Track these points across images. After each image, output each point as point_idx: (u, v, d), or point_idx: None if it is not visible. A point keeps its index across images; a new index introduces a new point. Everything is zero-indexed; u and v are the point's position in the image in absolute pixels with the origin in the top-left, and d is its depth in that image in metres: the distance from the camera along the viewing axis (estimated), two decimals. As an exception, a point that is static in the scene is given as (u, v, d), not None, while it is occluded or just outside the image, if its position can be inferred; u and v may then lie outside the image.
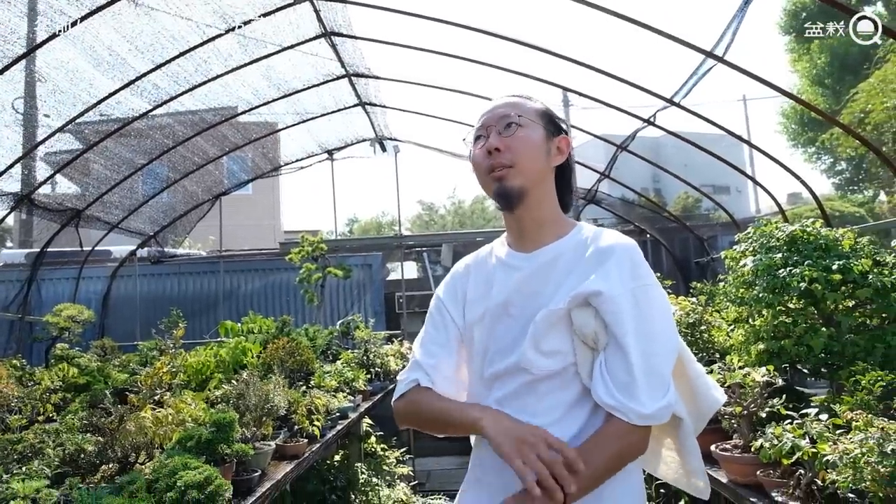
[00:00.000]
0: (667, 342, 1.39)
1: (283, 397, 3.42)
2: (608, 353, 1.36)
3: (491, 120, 1.53)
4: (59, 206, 6.62)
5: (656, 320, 1.37)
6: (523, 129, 1.49)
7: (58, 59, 4.48)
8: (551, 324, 1.39)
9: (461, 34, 4.99)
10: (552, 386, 1.41)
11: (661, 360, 1.35)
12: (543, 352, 1.40)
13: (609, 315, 1.34)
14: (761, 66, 10.28)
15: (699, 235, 8.47)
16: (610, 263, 1.39)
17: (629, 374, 1.32)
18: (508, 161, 1.47)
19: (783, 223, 3.43)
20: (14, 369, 5.25)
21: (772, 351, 2.84)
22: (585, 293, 1.36)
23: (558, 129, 1.56)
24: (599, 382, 1.35)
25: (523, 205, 1.50)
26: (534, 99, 1.59)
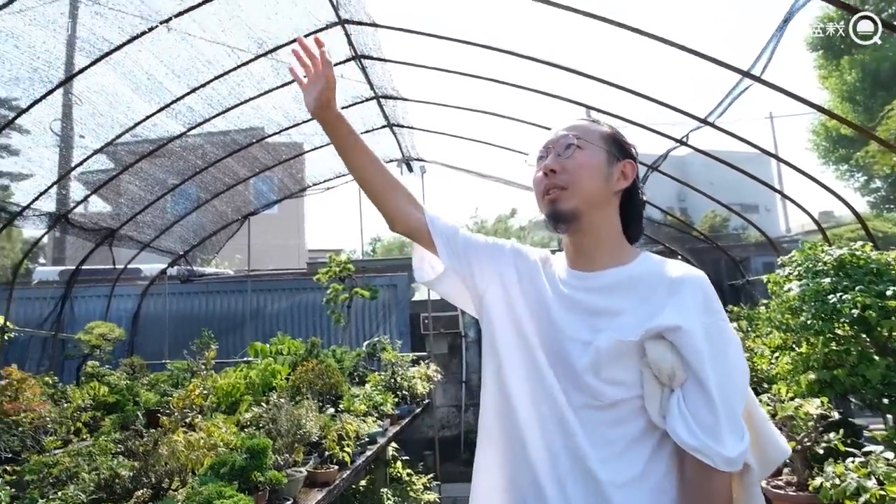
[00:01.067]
0: (741, 382, 1.32)
1: (314, 422, 3.38)
2: (687, 390, 1.29)
3: (552, 142, 1.50)
4: (94, 225, 6.73)
5: (732, 360, 1.31)
6: (582, 152, 1.46)
7: (98, 83, 4.57)
8: (619, 353, 1.33)
9: (487, 55, 4.99)
10: (612, 417, 1.35)
11: (736, 401, 1.29)
12: (604, 379, 1.34)
13: (688, 351, 1.28)
14: (791, 83, 10.28)
15: (733, 256, 8.29)
16: (683, 296, 1.33)
17: (713, 415, 1.25)
18: (563, 183, 1.44)
19: (828, 246, 3.32)
20: (47, 387, 5.31)
21: (823, 381, 2.73)
22: (662, 327, 1.30)
23: (624, 153, 1.50)
24: (679, 421, 1.28)
25: (575, 228, 1.45)
26: (601, 122, 1.55)
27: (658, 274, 1.40)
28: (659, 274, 1.39)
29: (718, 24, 46.14)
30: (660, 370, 1.31)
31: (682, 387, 1.30)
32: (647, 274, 1.41)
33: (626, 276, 1.42)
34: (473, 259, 1.58)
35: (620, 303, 1.38)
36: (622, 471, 1.31)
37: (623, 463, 1.32)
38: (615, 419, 1.34)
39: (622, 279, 1.41)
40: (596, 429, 1.34)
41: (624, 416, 1.34)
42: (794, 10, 3.78)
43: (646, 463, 1.32)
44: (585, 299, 1.43)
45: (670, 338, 1.30)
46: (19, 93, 4.29)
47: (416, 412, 5.83)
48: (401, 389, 5.65)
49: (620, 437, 1.34)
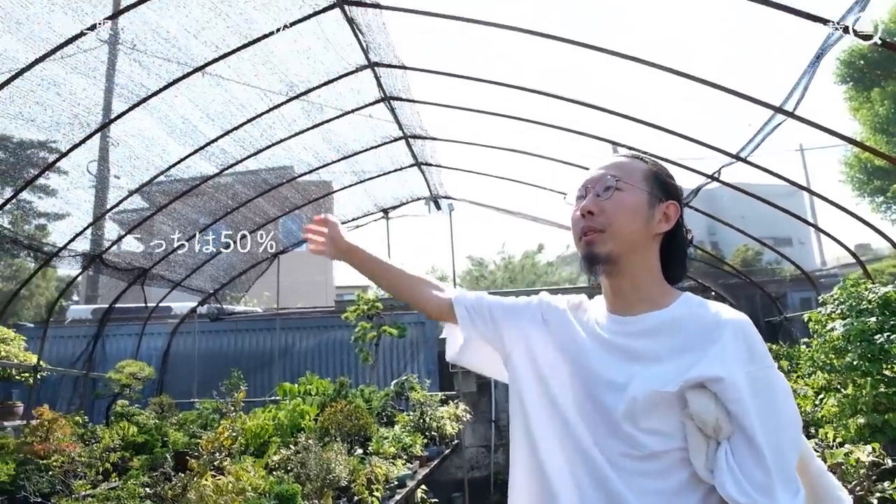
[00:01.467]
0: (793, 434, 1.25)
1: (343, 466, 3.33)
2: (735, 444, 1.22)
3: (592, 181, 1.46)
4: (127, 265, 6.86)
5: (782, 410, 1.24)
6: (621, 193, 1.41)
7: (135, 127, 4.71)
8: (655, 403, 1.27)
9: (515, 93, 5.03)
10: (653, 468, 1.27)
11: (788, 453, 1.22)
12: (642, 429, 1.27)
13: (733, 403, 1.21)
14: (821, 116, 10.15)
15: (768, 292, 8.08)
16: (725, 343, 1.26)
17: (764, 470, 1.18)
18: (600, 225, 1.40)
19: (870, 282, 3.21)
20: (77, 427, 5.34)
21: (874, 425, 2.60)
22: (703, 378, 1.24)
23: (668, 194, 1.45)
24: (728, 477, 1.20)
25: (612, 271, 1.41)
26: (645, 159, 1.50)
27: (698, 318, 1.34)
28: (699, 318, 1.33)
29: (750, 59, 46.19)
30: (704, 423, 1.24)
31: (728, 440, 1.23)
32: (687, 318, 1.35)
33: (665, 321, 1.36)
34: (500, 320, 1.58)
35: (659, 349, 1.33)
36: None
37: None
38: (656, 471, 1.27)
39: (661, 323, 1.36)
40: (635, 480, 1.28)
41: (665, 468, 1.27)
42: (827, 47, 3.75)
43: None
44: (623, 343, 1.38)
45: (713, 388, 1.23)
46: (59, 136, 4.44)
47: (445, 453, 5.72)
48: (430, 430, 5.57)
49: (662, 491, 1.26)
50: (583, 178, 1.49)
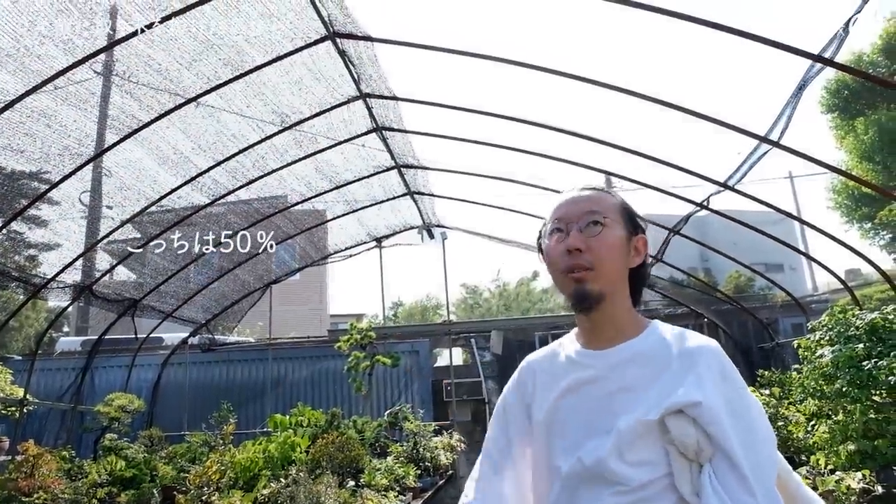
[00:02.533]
0: (770, 450, 1.28)
1: (334, 500, 3.28)
2: (717, 465, 1.25)
3: (572, 215, 1.46)
4: (118, 296, 6.81)
5: (758, 429, 1.28)
6: (607, 230, 1.43)
7: (125, 158, 4.73)
8: (639, 434, 1.29)
9: (506, 124, 5.10)
10: (639, 497, 1.28)
11: (767, 470, 1.25)
12: (629, 462, 1.29)
13: (711, 426, 1.24)
14: (807, 144, 10.31)
15: (760, 318, 8.10)
16: (700, 369, 1.29)
17: (748, 490, 1.21)
18: (589, 263, 1.40)
19: (857, 308, 3.23)
20: (63, 461, 5.25)
21: (864, 452, 2.59)
22: (681, 403, 1.26)
23: (637, 227, 1.48)
24: (714, 500, 1.22)
25: (599, 308, 1.42)
26: (613, 193, 1.53)
27: (670, 346, 1.36)
28: (671, 346, 1.36)
29: (736, 90, 47.04)
30: (685, 446, 1.27)
31: (710, 462, 1.26)
32: (659, 347, 1.38)
33: (639, 351, 1.38)
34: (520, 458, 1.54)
35: (635, 380, 1.35)
36: None
37: None
38: (644, 499, 1.29)
39: (635, 354, 1.38)
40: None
41: (652, 496, 1.29)
42: (809, 78, 3.83)
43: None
44: (601, 381, 1.40)
45: (692, 413, 1.26)
46: (49, 167, 4.45)
47: (439, 484, 5.64)
48: (423, 461, 5.50)
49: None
50: (558, 210, 1.50)
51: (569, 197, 1.50)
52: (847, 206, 17.69)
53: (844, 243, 5.56)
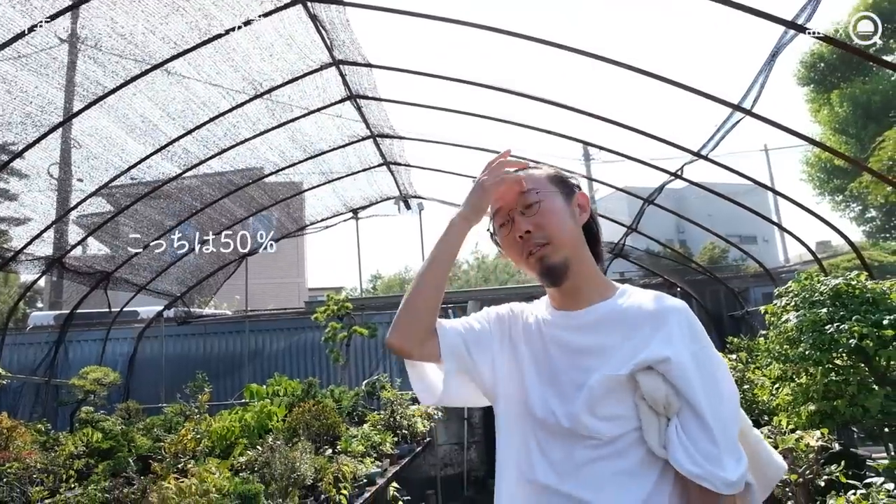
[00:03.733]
0: (734, 405, 1.35)
1: (309, 465, 3.31)
2: (683, 419, 1.31)
3: (509, 203, 1.50)
4: (89, 268, 6.71)
5: (721, 383, 1.33)
6: (545, 203, 1.47)
7: (93, 126, 4.61)
8: (609, 389, 1.34)
9: (483, 92, 5.06)
10: (612, 451, 1.34)
11: (731, 424, 1.31)
12: (600, 417, 1.34)
13: (680, 381, 1.30)
14: (783, 117, 10.40)
15: (731, 288, 8.26)
16: (670, 327, 1.34)
17: (712, 441, 1.27)
18: (543, 239, 1.45)
19: (824, 276, 3.30)
20: (39, 434, 5.22)
21: (824, 412, 2.68)
22: (651, 360, 1.32)
23: (571, 187, 1.53)
24: (681, 450, 1.28)
25: (571, 276, 1.46)
26: (538, 164, 1.57)
27: (642, 307, 1.41)
28: (643, 307, 1.41)
29: (710, 59, 47.14)
30: (654, 401, 1.32)
31: (677, 415, 1.31)
32: (631, 307, 1.42)
33: (611, 311, 1.43)
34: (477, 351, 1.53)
35: (607, 338, 1.40)
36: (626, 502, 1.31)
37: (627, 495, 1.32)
38: (616, 453, 1.34)
39: (608, 313, 1.43)
40: (598, 465, 1.34)
41: (623, 449, 1.34)
42: (781, 46, 3.84)
43: (650, 492, 1.32)
44: (572, 339, 1.44)
45: (660, 369, 1.31)
46: (12, 137, 4.32)
47: (416, 451, 5.72)
48: (400, 428, 5.56)
49: (623, 470, 1.33)
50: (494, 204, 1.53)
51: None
52: (819, 179, 17.99)
53: (815, 213, 5.67)
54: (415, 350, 1.49)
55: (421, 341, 1.48)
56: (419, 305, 1.48)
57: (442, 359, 1.50)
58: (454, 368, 1.51)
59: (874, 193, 12.05)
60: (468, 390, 1.57)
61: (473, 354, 1.52)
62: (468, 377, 1.54)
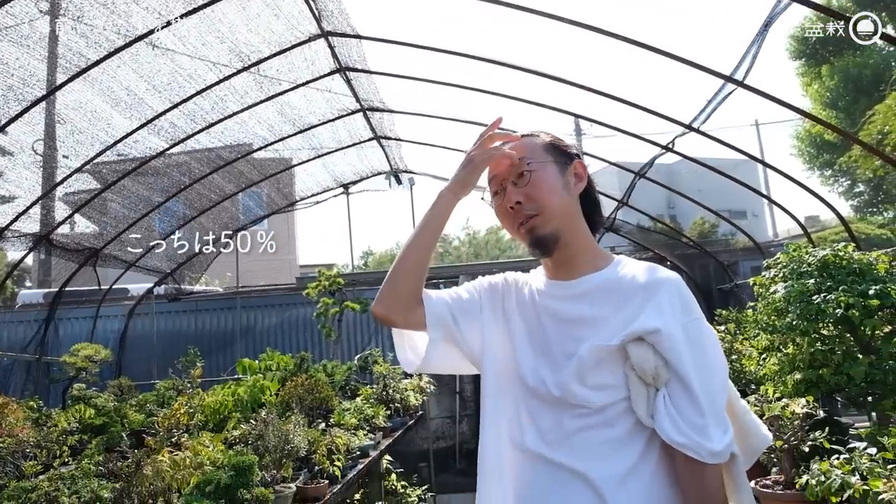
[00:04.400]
0: (722, 377, 1.36)
1: (302, 437, 3.34)
2: (671, 389, 1.32)
3: (502, 173, 1.50)
4: (77, 245, 6.66)
5: (710, 355, 1.35)
6: (537, 173, 1.46)
7: (76, 100, 4.53)
8: (600, 359, 1.36)
9: (475, 65, 5.01)
10: (601, 420, 1.36)
11: (719, 395, 1.33)
12: (590, 386, 1.36)
13: (669, 352, 1.31)
14: (775, 90, 10.38)
15: (721, 261, 8.33)
16: (661, 298, 1.35)
17: (698, 411, 1.29)
18: (533, 210, 1.45)
19: (812, 248, 3.33)
20: (31, 411, 5.22)
21: (809, 380, 2.72)
22: (641, 330, 1.33)
23: (569, 156, 1.51)
24: (667, 420, 1.31)
25: (562, 246, 1.46)
26: (535, 133, 1.55)
27: (634, 278, 1.41)
28: (635, 278, 1.41)
29: (702, 30, 46.86)
30: (644, 371, 1.33)
31: (666, 386, 1.33)
32: (624, 278, 1.43)
33: (604, 281, 1.44)
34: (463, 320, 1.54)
35: (600, 309, 1.41)
36: (614, 468, 1.33)
37: (615, 461, 1.34)
38: (605, 422, 1.36)
39: (601, 283, 1.44)
40: (587, 433, 1.36)
41: (612, 418, 1.36)
42: (775, 15, 3.82)
43: (637, 460, 1.34)
44: (564, 309, 1.45)
45: (650, 340, 1.32)
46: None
47: (409, 424, 5.78)
48: (393, 402, 5.61)
49: (611, 439, 1.36)
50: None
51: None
52: (809, 154, 18.05)
53: (805, 186, 5.70)
54: (399, 318, 1.51)
55: (406, 310, 1.50)
56: (405, 275, 1.50)
57: (427, 328, 1.51)
58: (439, 337, 1.52)
59: (863, 167, 12.13)
60: (453, 358, 1.58)
61: (460, 324, 1.53)
62: (454, 346, 1.55)
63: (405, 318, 1.52)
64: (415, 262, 1.51)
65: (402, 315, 1.51)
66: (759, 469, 2.60)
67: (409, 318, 1.52)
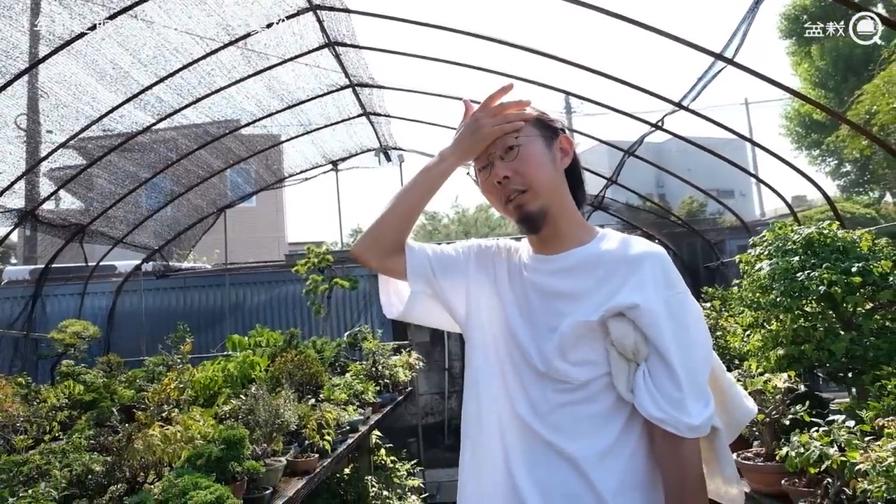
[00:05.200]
0: (704, 351, 1.37)
1: (293, 412, 3.37)
2: (651, 364, 1.33)
3: (490, 146, 1.48)
4: (64, 221, 6.60)
5: (693, 330, 1.35)
6: (525, 148, 1.44)
7: (60, 73, 4.45)
8: (581, 335, 1.36)
9: (465, 41, 4.98)
10: (583, 395, 1.38)
11: (700, 370, 1.34)
12: (571, 361, 1.37)
13: (649, 328, 1.32)
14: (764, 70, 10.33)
15: (708, 239, 8.40)
16: (643, 273, 1.35)
17: (677, 386, 1.30)
18: (521, 186, 1.44)
19: (798, 226, 3.37)
20: (19, 387, 5.21)
21: (792, 356, 2.77)
22: (621, 306, 1.33)
23: (554, 130, 1.50)
24: (646, 395, 1.32)
25: (549, 222, 1.46)
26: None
27: (618, 252, 1.41)
28: (619, 252, 1.41)
29: (692, 7, 46.60)
30: (623, 347, 1.35)
31: (646, 361, 1.34)
32: (608, 253, 1.42)
33: (588, 256, 1.44)
34: (445, 276, 1.55)
35: (582, 283, 1.41)
36: (595, 445, 1.35)
37: (596, 438, 1.36)
38: (586, 397, 1.38)
39: (584, 258, 1.44)
40: (569, 409, 1.38)
41: (593, 393, 1.38)
42: (764, -8, 3.81)
43: (618, 435, 1.36)
44: (548, 283, 1.45)
45: (630, 315, 1.33)
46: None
47: (398, 400, 5.83)
48: (382, 378, 5.65)
49: (593, 414, 1.37)
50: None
51: None
52: (798, 133, 18.14)
53: (792, 165, 5.74)
54: (374, 261, 1.52)
55: (383, 254, 1.52)
56: (390, 219, 1.51)
57: (408, 278, 1.53)
58: (421, 290, 1.54)
59: (850, 147, 12.20)
60: (437, 315, 1.60)
61: (441, 279, 1.54)
62: (439, 303, 1.56)
63: (381, 262, 1.53)
64: (402, 210, 1.51)
65: (377, 259, 1.52)
66: (741, 442, 2.66)
67: (387, 264, 1.53)
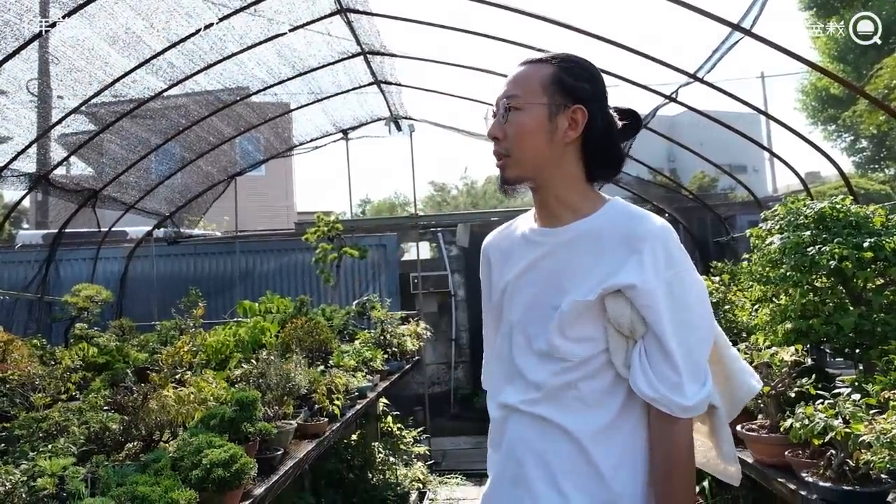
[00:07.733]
0: (704, 331, 1.36)
1: (303, 376, 3.43)
2: (647, 343, 1.34)
3: (499, 99, 1.46)
4: (76, 186, 6.64)
5: (693, 309, 1.34)
6: (519, 114, 1.40)
7: (73, 37, 4.44)
8: (579, 313, 1.36)
9: (477, 9, 4.91)
10: (583, 373, 1.38)
11: (698, 350, 1.33)
12: (571, 339, 1.37)
13: (645, 308, 1.31)
14: (782, 41, 10.06)
15: (719, 214, 8.35)
16: (643, 252, 1.33)
17: (673, 368, 1.30)
18: (506, 150, 1.43)
19: (811, 200, 3.36)
20: (35, 349, 5.31)
21: (800, 330, 2.78)
22: (618, 285, 1.33)
23: (575, 97, 1.41)
24: (640, 374, 1.33)
25: (532, 188, 1.47)
26: (552, 60, 1.46)
27: (619, 229, 1.37)
28: (620, 229, 1.37)
29: (711, -20, 45.71)
30: (620, 325, 1.35)
31: (643, 339, 1.34)
32: (609, 227, 1.39)
33: (588, 230, 1.40)
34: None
35: (580, 259, 1.39)
36: (595, 421, 1.36)
37: (596, 414, 1.37)
38: (587, 375, 1.38)
39: (583, 233, 1.40)
40: (570, 386, 1.39)
41: (594, 371, 1.38)
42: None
43: (618, 412, 1.37)
44: (547, 260, 1.44)
45: (628, 295, 1.33)
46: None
47: (405, 368, 5.91)
48: (390, 346, 5.72)
49: (595, 389, 1.38)
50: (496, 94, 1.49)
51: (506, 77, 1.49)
52: (814, 108, 17.84)
53: (807, 139, 5.68)
54: None
55: None
56: None
57: None
58: None
59: (867, 122, 12.01)
60: None
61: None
62: None
63: None
64: None
65: None
66: (745, 414, 2.68)
67: None
